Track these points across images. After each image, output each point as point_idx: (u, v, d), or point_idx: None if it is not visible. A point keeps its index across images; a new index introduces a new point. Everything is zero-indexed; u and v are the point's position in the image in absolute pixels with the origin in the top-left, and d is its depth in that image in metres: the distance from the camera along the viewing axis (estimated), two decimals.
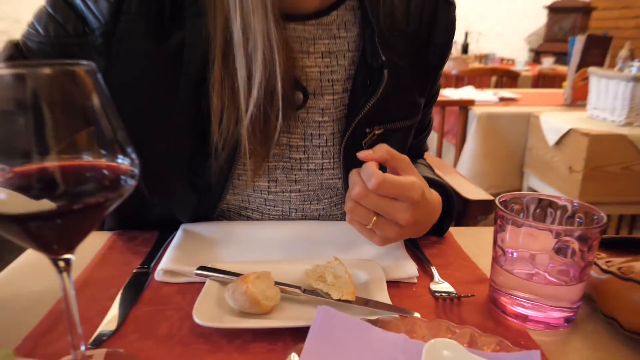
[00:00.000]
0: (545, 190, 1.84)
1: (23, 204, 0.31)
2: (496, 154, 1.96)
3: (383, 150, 0.52)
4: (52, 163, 0.30)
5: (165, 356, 0.41)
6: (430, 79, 0.70)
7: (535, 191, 1.96)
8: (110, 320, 0.46)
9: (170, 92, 0.57)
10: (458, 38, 4.25)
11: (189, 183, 0.61)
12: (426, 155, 0.84)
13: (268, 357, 0.41)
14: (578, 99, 2.00)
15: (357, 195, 0.50)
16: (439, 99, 0.81)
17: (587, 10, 4.63)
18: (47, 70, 0.30)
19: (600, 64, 1.90)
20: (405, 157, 0.54)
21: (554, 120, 1.69)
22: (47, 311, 0.48)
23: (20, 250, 0.61)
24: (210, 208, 0.64)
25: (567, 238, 0.44)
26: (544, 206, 0.51)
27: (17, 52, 0.57)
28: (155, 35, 0.56)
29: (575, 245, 0.44)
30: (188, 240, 0.60)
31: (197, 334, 0.44)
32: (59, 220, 0.32)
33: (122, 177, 0.34)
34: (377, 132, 0.65)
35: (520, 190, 2.06)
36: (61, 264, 0.35)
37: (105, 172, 0.33)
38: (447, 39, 0.69)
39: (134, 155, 0.34)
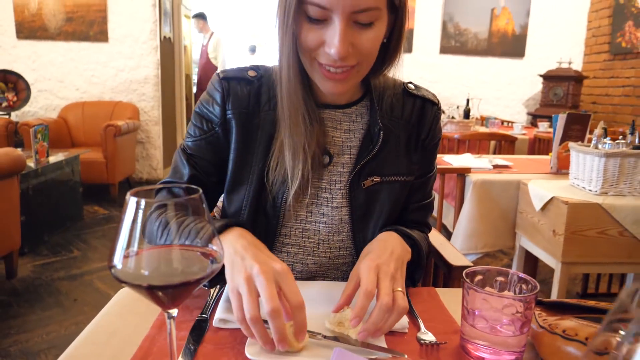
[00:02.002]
0: (534, 250, 2.01)
1: (152, 277, 0.50)
2: (490, 216, 2.15)
3: (345, 301, 0.72)
4: (171, 247, 0.50)
5: None
6: (419, 150, 0.96)
7: (526, 250, 2.13)
8: (184, 354, 0.64)
9: (250, 154, 0.90)
10: (460, 103, 4.54)
11: (255, 210, 0.90)
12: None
13: None
14: (563, 168, 2.21)
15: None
16: (440, 165, 1.04)
17: (578, 79, 4.93)
18: (179, 200, 0.50)
19: (581, 137, 2.12)
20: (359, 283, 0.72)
21: (539, 189, 1.89)
22: (137, 348, 0.66)
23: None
24: (271, 233, 0.90)
25: (511, 302, 0.63)
26: (498, 276, 0.69)
27: (183, 149, 0.93)
28: (243, 121, 0.89)
29: (518, 306, 0.63)
30: None
31: None
32: (172, 290, 0.51)
33: (212, 260, 0.53)
34: (375, 179, 0.90)
35: (513, 248, 2.23)
36: (170, 313, 0.54)
37: (202, 256, 0.52)
38: (433, 126, 0.97)
39: (219, 241, 0.53)
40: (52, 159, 3.54)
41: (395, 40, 0.86)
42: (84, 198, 4.10)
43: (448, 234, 2.42)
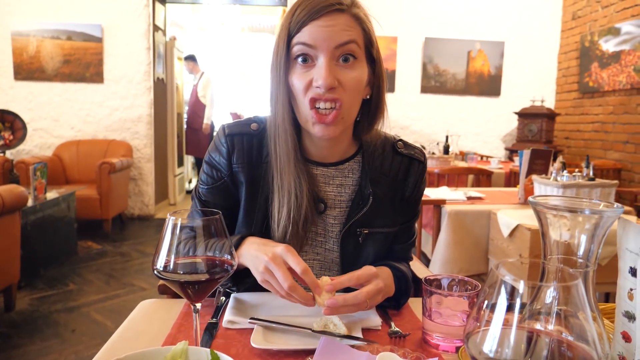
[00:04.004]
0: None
1: (185, 276, 0.67)
2: (464, 243, 2.33)
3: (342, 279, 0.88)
4: (197, 258, 0.67)
5: None
6: (404, 204, 1.08)
7: None
8: (202, 345, 0.80)
9: (255, 201, 1.02)
10: (441, 140, 4.80)
11: None
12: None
13: None
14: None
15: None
16: None
17: (551, 116, 5.22)
18: (205, 219, 0.67)
19: (545, 171, 2.34)
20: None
21: (507, 217, 2.09)
22: (163, 342, 0.82)
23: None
24: None
25: (458, 299, 0.81)
26: (451, 281, 0.87)
27: (198, 196, 1.06)
28: (248, 173, 1.01)
29: (464, 302, 0.81)
30: (238, 304, 0.95)
31: (253, 354, 0.78)
32: (198, 286, 0.68)
33: (227, 266, 0.70)
34: (364, 231, 1.03)
35: (486, 273, 2.41)
36: (196, 307, 0.70)
37: (219, 262, 0.70)
38: (418, 183, 1.09)
39: (234, 253, 0.71)
40: (50, 195, 3.67)
41: (375, 97, 0.99)
42: (78, 233, 4.21)
43: (427, 261, 2.60)
